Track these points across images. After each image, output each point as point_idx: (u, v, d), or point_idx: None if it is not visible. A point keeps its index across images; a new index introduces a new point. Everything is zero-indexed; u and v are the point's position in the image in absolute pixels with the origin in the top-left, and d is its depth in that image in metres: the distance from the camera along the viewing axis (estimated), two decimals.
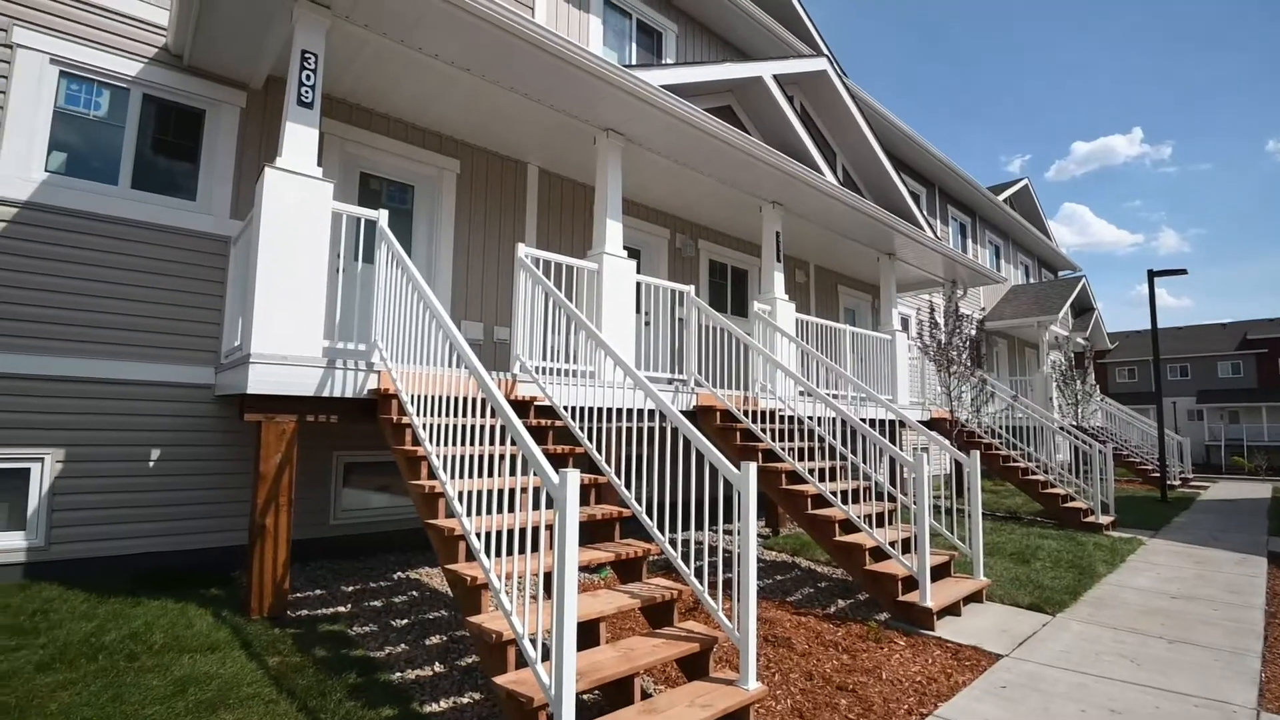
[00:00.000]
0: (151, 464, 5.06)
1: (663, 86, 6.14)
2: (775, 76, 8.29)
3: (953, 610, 4.83)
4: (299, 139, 4.33)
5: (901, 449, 6.17)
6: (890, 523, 5.35)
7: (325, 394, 4.16)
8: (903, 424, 7.79)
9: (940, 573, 5.30)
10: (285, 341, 4.07)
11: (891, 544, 4.96)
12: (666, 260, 8.99)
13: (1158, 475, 13.81)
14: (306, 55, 4.40)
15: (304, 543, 5.26)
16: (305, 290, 4.19)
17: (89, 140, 5.10)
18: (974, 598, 5.14)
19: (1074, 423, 14.64)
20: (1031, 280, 21.89)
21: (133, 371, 5.02)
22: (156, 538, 5.03)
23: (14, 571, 4.54)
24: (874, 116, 12.95)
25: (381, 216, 4.52)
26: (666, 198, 8.51)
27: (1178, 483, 16.11)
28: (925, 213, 13.24)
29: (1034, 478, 9.73)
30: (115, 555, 4.86)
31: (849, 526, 5.29)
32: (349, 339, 4.92)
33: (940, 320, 10.06)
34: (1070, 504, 9.25)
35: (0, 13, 4.76)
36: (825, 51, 11.40)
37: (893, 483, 6.20)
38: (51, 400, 4.73)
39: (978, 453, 5.61)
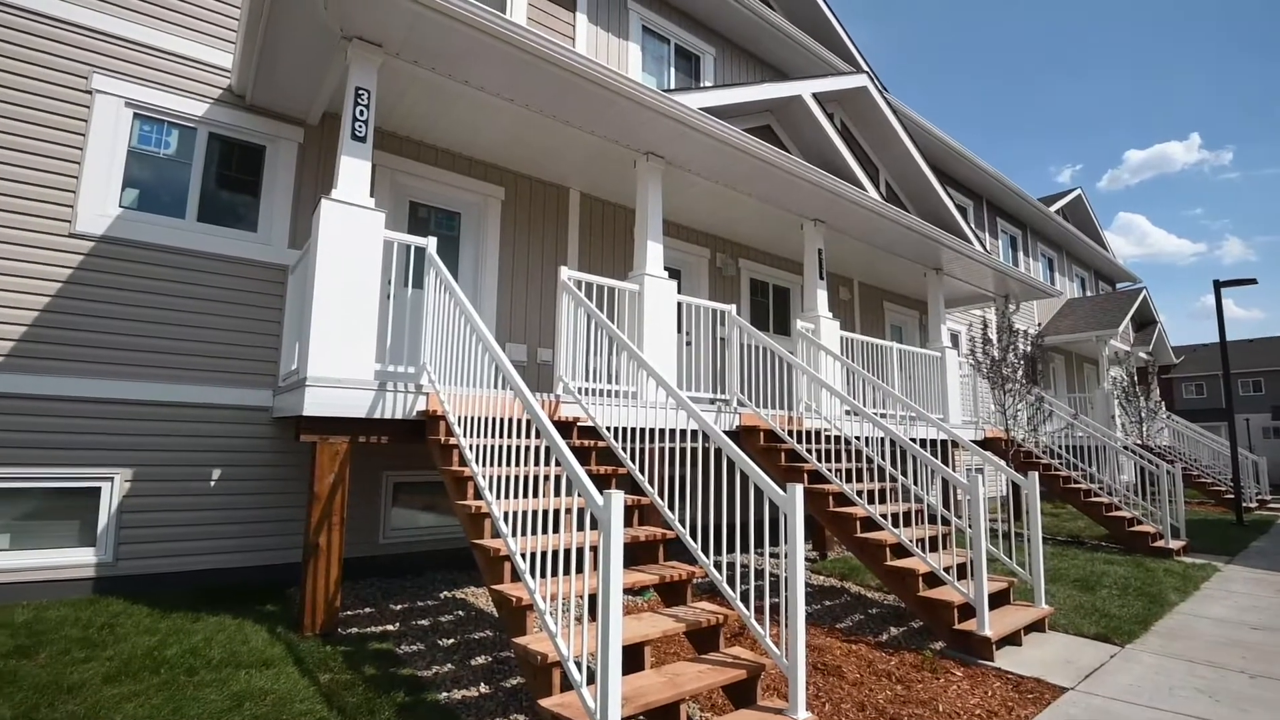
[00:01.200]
0: (212, 483, 5.27)
1: (701, 109, 6.19)
2: (815, 95, 8.27)
3: (1013, 640, 4.61)
4: (353, 171, 4.51)
5: (954, 470, 5.98)
6: (944, 547, 5.17)
7: (376, 415, 4.28)
8: (955, 444, 7.55)
9: (999, 600, 5.07)
10: (339, 365, 4.21)
11: (946, 569, 4.78)
12: (707, 279, 8.99)
13: (1231, 497, 12.99)
14: (360, 91, 4.60)
15: (354, 561, 5.38)
16: (358, 315, 4.34)
17: (159, 177, 5.42)
18: (1035, 626, 4.90)
19: (1138, 441, 13.93)
20: (1088, 293, 21.07)
21: (196, 395, 5.25)
22: (215, 555, 5.22)
23: (84, 586, 4.76)
24: (917, 131, 12.77)
25: (430, 244, 4.66)
26: (706, 218, 8.54)
27: (1254, 505, 15.10)
28: (973, 226, 12.93)
29: (1097, 500, 9.27)
30: (177, 571, 5.06)
31: (900, 550, 5.13)
32: (399, 362, 5.06)
33: (992, 336, 9.76)
34: (1137, 528, 8.77)
35: (82, 61, 5.12)
36: (865, 68, 11.32)
37: (946, 505, 5.99)
38: (122, 422, 4.98)
39: (1036, 474, 5.38)
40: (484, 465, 3.69)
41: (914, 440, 5.36)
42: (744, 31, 10.08)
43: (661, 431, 4.78)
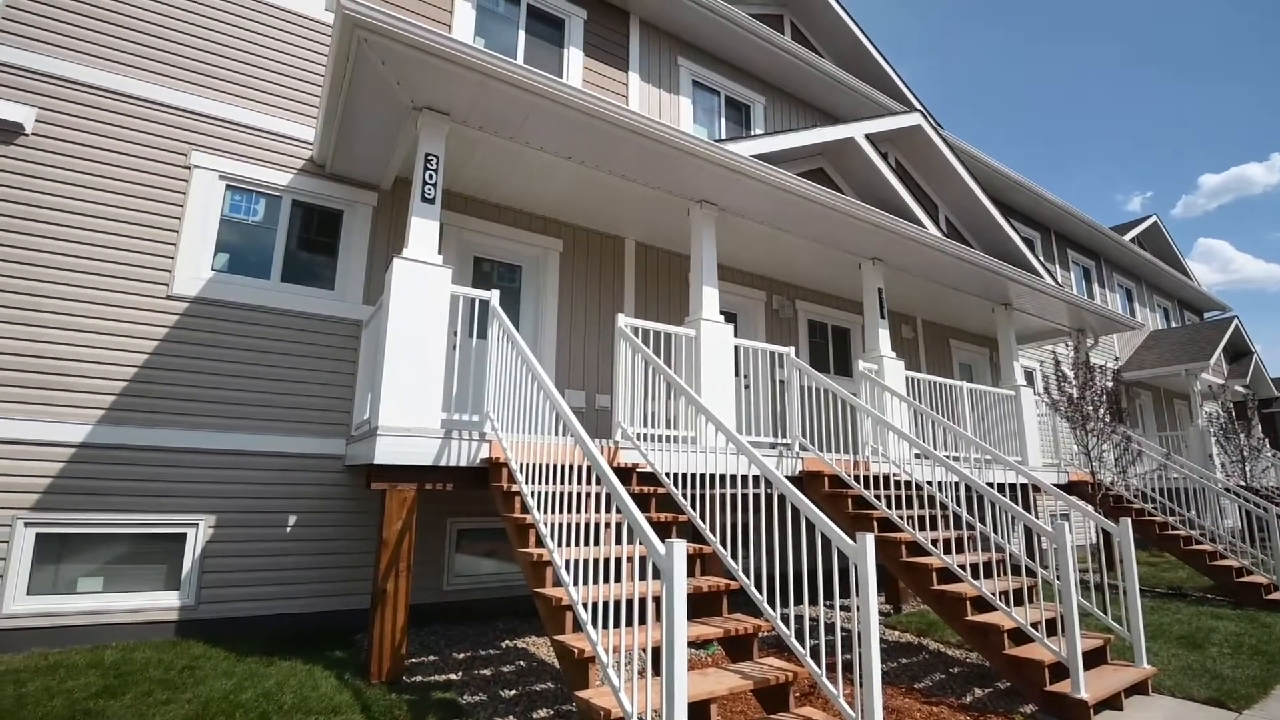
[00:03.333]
0: (288, 529, 5.48)
1: (753, 156, 6.28)
2: (867, 136, 8.28)
3: (1112, 703, 4.22)
4: (422, 231, 4.76)
5: (1036, 516, 5.62)
6: (1030, 600, 4.82)
7: (442, 463, 4.39)
8: (1036, 488, 7.13)
9: (1094, 659, 4.68)
10: (409, 414, 4.36)
11: (1034, 625, 4.45)
12: (764, 322, 8.94)
13: None
14: (429, 157, 4.90)
15: (419, 607, 5.44)
16: (427, 367, 4.51)
17: (247, 241, 5.85)
18: (1137, 689, 4.48)
19: (1241, 483, 12.79)
20: (1173, 324, 19.84)
21: (275, 444, 5.53)
22: (288, 599, 5.39)
23: (167, 629, 4.99)
24: (975, 164, 12.55)
25: (493, 297, 4.83)
26: (761, 261, 8.55)
27: None
28: (1041, 258, 12.47)
29: (1199, 547, 8.51)
30: (253, 616, 5.24)
31: (982, 604, 4.82)
32: (464, 410, 5.20)
33: (1069, 372, 9.27)
34: (1247, 578, 7.97)
35: (182, 140, 5.65)
36: (918, 106, 11.27)
37: (1029, 555, 5.63)
38: (207, 470, 5.28)
39: (1128, 520, 5.00)
40: (545, 512, 3.71)
41: (990, 485, 5.10)
42: (792, 79, 10.24)
43: (721, 477, 4.71)
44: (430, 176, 4.86)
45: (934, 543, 5.18)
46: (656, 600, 2.81)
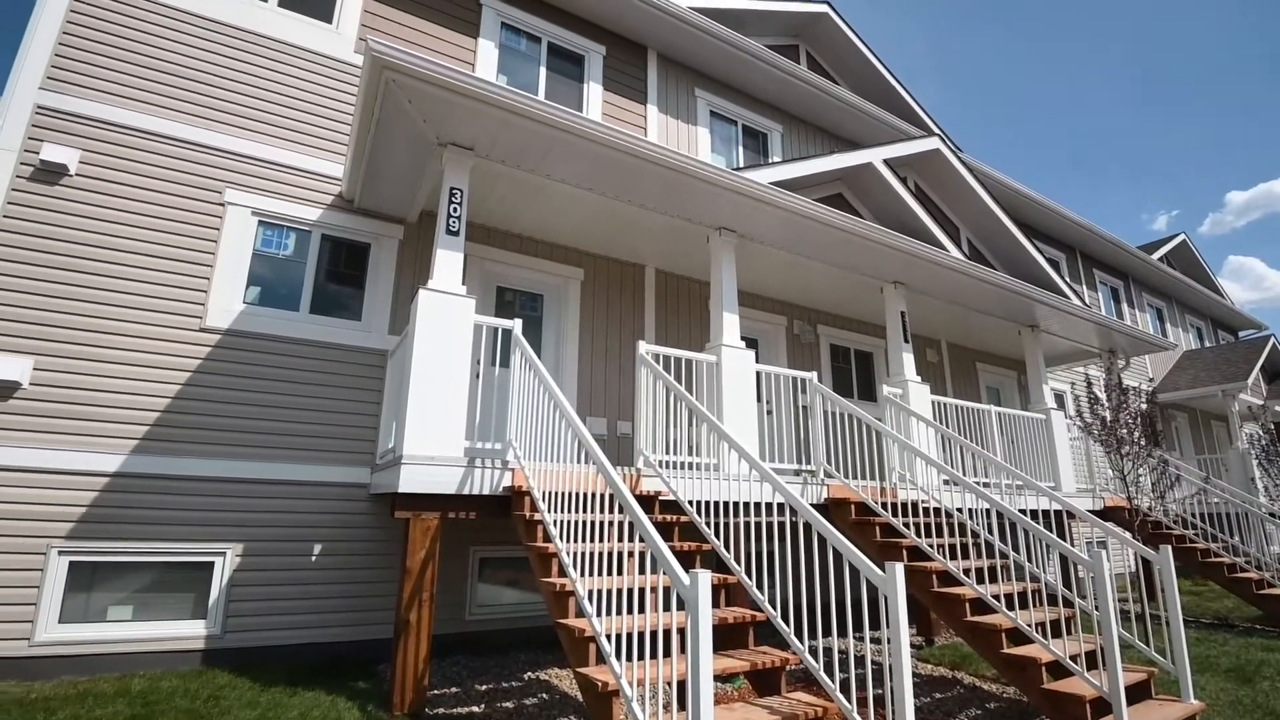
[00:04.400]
0: (312, 558, 5.51)
1: (771, 183, 6.33)
2: (886, 161, 8.29)
3: None
4: (447, 263, 4.85)
5: (1072, 544, 5.46)
6: (1068, 632, 4.66)
7: (465, 492, 4.40)
8: (1071, 515, 6.94)
9: (1138, 693, 4.48)
10: (432, 443, 4.39)
11: (1073, 658, 4.29)
12: (785, 347, 8.90)
13: None
14: (454, 191, 5.01)
15: (442, 638, 5.41)
16: (451, 396, 4.55)
17: (277, 274, 6.01)
18: None
19: None
20: (1206, 344, 19.33)
21: (302, 473, 5.60)
22: (312, 629, 5.40)
23: (193, 658, 5.01)
24: (996, 186, 12.49)
25: (516, 326, 4.89)
26: (781, 286, 8.54)
27: None
28: (1067, 279, 12.29)
29: (1244, 575, 8.17)
30: (277, 645, 5.25)
31: (1018, 636, 4.66)
32: (486, 439, 5.23)
33: (1101, 394, 9.05)
34: None
35: (216, 178, 5.85)
36: (936, 130, 11.30)
37: (1066, 584, 5.45)
38: (235, 499, 5.36)
39: (1169, 547, 4.83)
40: (568, 541, 3.70)
41: (1023, 511, 4.97)
42: (809, 107, 10.34)
43: (745, 505, 4.65)
44: (454, 210, 4.96)
45: (966, 572, 5.04)
46: (681, 632, 2.77)
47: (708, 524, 4.55)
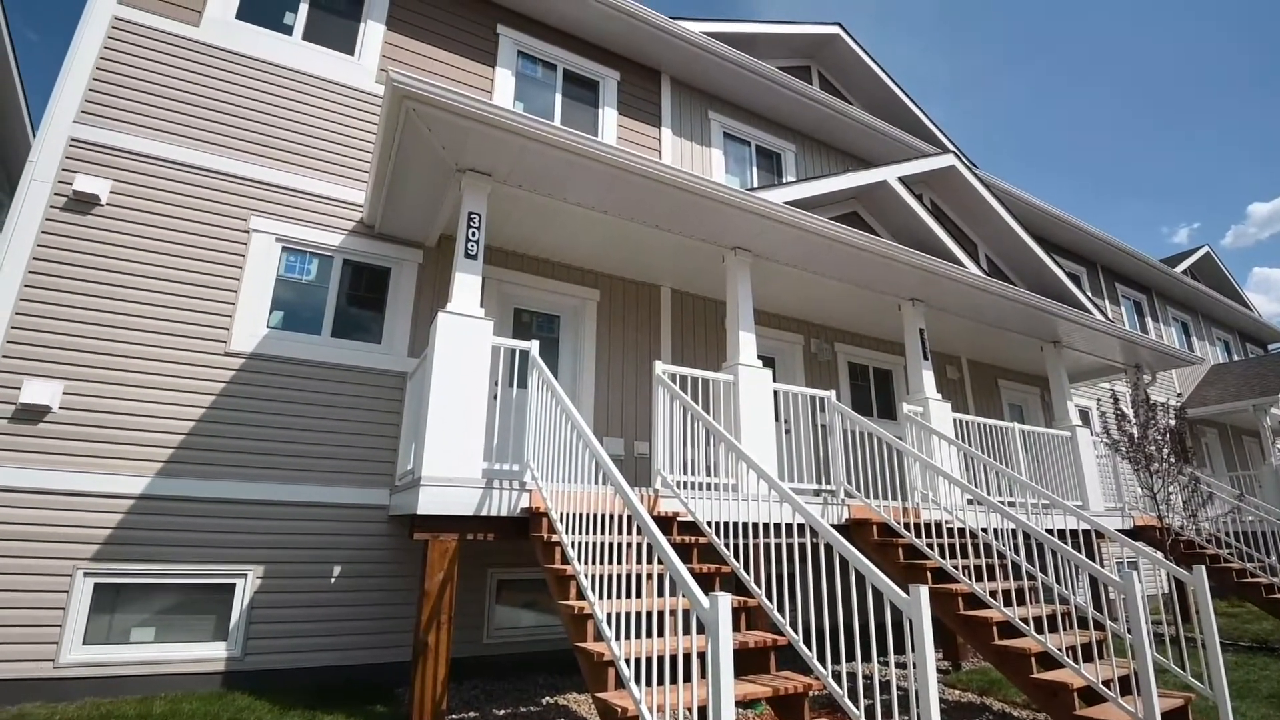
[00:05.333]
0: (333, 580, 5.53)
1: (786, 203, 6.36)
2: (900, 178, 8.30)
3: None
4: (465, 286, 4.91)
5: (1101, 564, 5.32)
6: (1100, 656, 4.53)
7: (483, 513, 4.40)
8: (1099, 534, 6.78)
9: None
10: (451, 464, 4.41)
11: (1105, 683, 4.17)
12: (802, 366, 8.85)
13: None
14: (472, 215, 5.09)
15: (460, 661, 5.39)
16: (469, 417, 4.58)
17: (300, 299, 6.12)
18: None
19: None
20: (1235, 357, 18.91)
21: (322, 494, 5.64)
22: (331, 651, 5.39)
23: (214, 680, 5.03)
24: (1013, 202, 12.42)
25: (533, 347, 4.92)
26: (798, 304, 8.53)
27: None
28: (1089, 293, 12.14)
29: None
30: (296, 668, 5.25)
31: (1048, 661, 4.53)
32: (504, 460, 5.24)
33: (1127, 410, 8.87)
34: None
35: (242, 206, 6.00)
36: (951, 147, 11.30)
37: (1096, 606, 5.31)
38: (257, 521, 5.40)
39: (1202, 567, 4.69)
40: (586, 563, 3.68)
41: (1050, 531, 4.86)
42: (823, 127, 10.39)
43: (765, 526, 4.60)
44: (473, 234, 5.04)
45: (993, 594, 4.94)
46: (701, 656, 2.73)
47: (727, 545, 4.51)
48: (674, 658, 2.87)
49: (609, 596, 3.48)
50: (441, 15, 7.51)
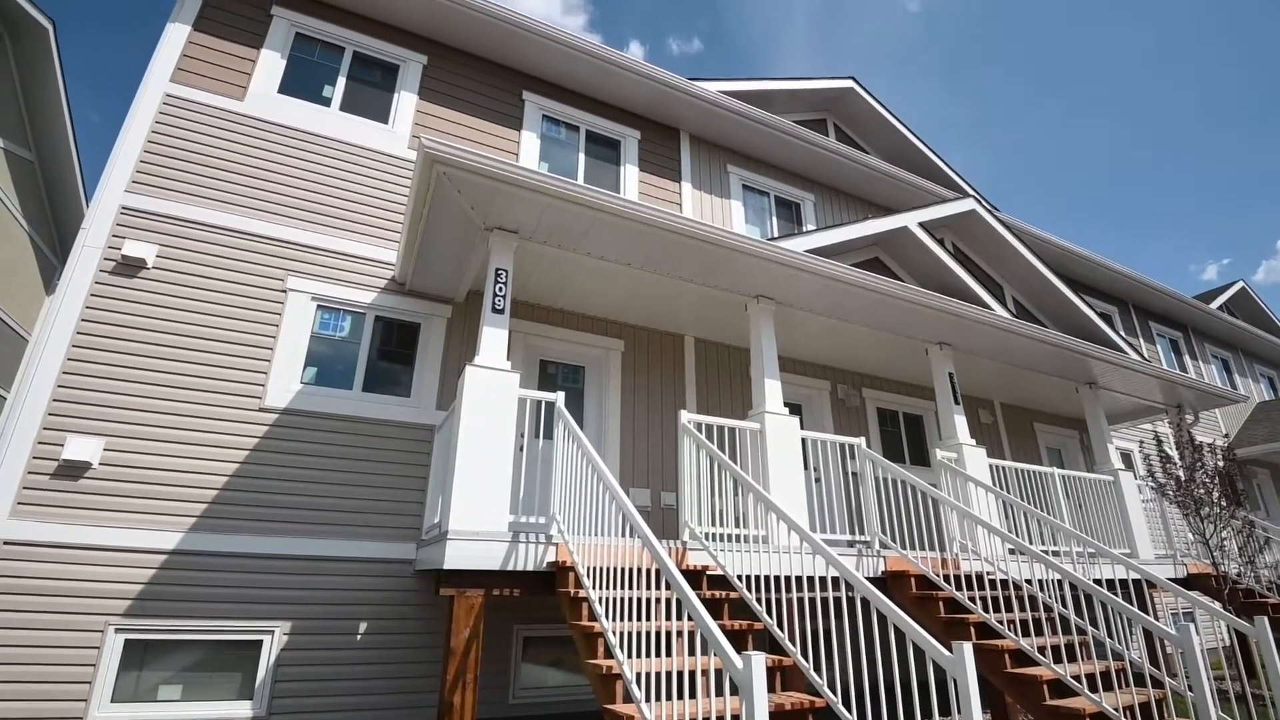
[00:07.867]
0: (358, 637, 5.47)
1: (807, 251, 6.42)
2: (921, 224, 8.33)
3: None
4: (493, 340, 5.00)
5: (1155, 616, 5.05)
6: (1161, 717, 4.25)
7: (510, 567, 4.35)
8: (1151, 584, 6.46)
9: None
10: (478, 518, 4.40)
11: None
12: (830, 412, 8.74)
13: None
14: (499, 271, 5.22)
15: None
16: (496, 470, 4.58)
17: (333, 354, 6.27)
18: None
19: None
20: None
21: (350, 549, 5.64)
22: (356, 711, 5.29)
23: None
24: (1038, 244, 12.37)
25: (559, 399, 4.95)
26: (823, 350, 8.49)
27: None
28: (1122, 333, 11.90)
29: None
30: None
31: None
32: (530, 512, 5.22)
33: (1173, 452, 8.56)
34: None
35: (279, 267, 6.23)
36: (971, 191, 11.35)
37: (1153, 661, 5.02)
38: (285, 577, 5.40)
39: (1264, 618, 4.43)
40: (614, 620, 3.60)
41: (1097, 582, 4.65)
42: (841, 176, 10.54)
43: (798, 579, 4.47)
44: (500, 289, 5.15)
45: (1041, 650, 4.70)
46: (735, 719, 2.63)
47: (758, 599, 4.38)
48: None
49: (638, 655, 3.39)
50: (470, 84, 7.88)
